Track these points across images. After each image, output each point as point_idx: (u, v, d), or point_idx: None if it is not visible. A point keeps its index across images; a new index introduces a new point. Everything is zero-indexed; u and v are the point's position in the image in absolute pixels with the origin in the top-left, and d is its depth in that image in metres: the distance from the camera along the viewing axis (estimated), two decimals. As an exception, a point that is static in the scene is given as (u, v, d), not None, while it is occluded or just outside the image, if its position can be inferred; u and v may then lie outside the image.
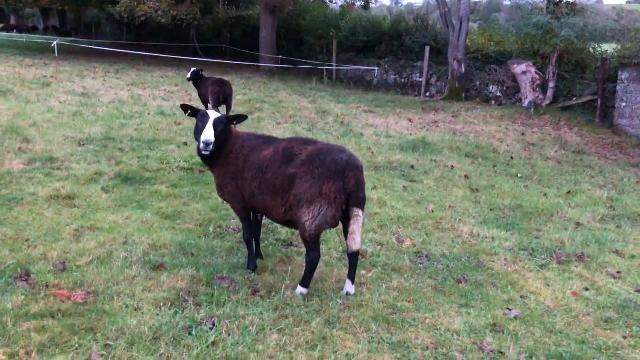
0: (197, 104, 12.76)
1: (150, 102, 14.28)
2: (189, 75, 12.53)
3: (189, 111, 5.10)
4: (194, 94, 14.60)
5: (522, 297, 5.02)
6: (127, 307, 4.22)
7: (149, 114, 12.39)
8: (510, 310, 4.68)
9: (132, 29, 37.43)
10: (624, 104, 15.17)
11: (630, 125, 14.99)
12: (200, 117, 4.90)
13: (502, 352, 3.99)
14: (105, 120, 11.09)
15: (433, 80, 20.83)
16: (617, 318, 4.72)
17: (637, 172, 11.64)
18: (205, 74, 13.17)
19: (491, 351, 4.00)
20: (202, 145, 4.76)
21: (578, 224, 7.37)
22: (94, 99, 13.75)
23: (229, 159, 4.96)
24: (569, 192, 9.12)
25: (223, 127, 4.86)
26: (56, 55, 21.27)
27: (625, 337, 4.41)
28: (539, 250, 6.21)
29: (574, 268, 5.78)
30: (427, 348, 3.97)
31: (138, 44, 32.37)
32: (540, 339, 4.24)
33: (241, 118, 5.14)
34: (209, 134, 4.74)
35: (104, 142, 9.35)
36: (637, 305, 4.97)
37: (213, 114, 4.90)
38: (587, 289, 5.29)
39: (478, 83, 19.42)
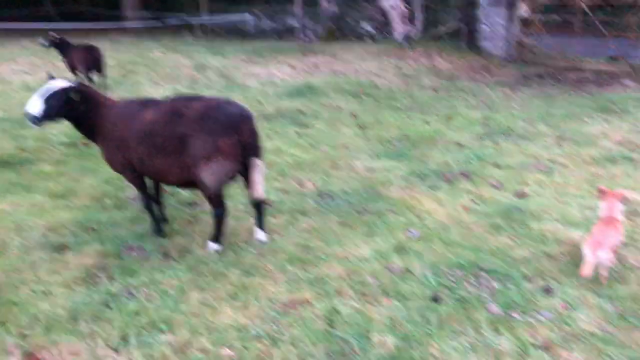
0: (65, 73, 11.95)
1: (11, 77, 13.14)
2: (46, 43, 11.66)
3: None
4: (61, 63, 13.62)
5: (419, 218, 5.42)
6: (35, 293, 4.07)
7: (13, 91, 11.44)
8: (410, 231, 5.06)
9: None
10: (486, 28, 16.16)
11: (494, 46, 16.04)
12: None
13: (409, 270, 4.35)
14: (-36, 104, 10.11)
15: (308, 23, 20.86)
16: (503, 223, 5.26)
17: (505, 91, 12.60)
18: (70, 40, 12.27)
19: (399, 270, 4.34)
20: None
21: (459, 145, 7.96)
22: (-56, 81, 12.42)
23: (107, 130, 4.74)
24: (447, 117, 9.74)
25: (59, 98, 4.55)
26: None
27: (511, 239, 4.95)
28: (428, 174, 6.67)
29: (461, 185, 6.30)
30: (342, 278, 4.23)
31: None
32: (440, 253, 4.66)
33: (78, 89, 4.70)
34: (30, 106, 4.51)
35: (-32, 127, 8.57)
36: (518, 209, 5.55)
37: (51, 84, 4.62)
38: (474, 202, 5.81)
39: (351, 21, 19.73)
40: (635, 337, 3.57)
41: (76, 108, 4.65)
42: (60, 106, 4.56)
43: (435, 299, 3.94)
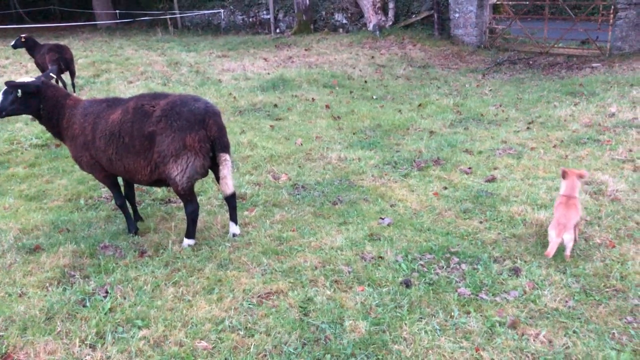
0: (37, 74, 11.79)
1: (-20, 80, 12.92)
2: (12, 43, 11.56)
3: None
4: (30, 64, 13.45)
5: (391, 205, 5.51)
6: (10, 295, 4.07)
7: (-18, 94, 11.25)
8: (383, 219, 5.14)
9: None
10: (457, 15, 16.29)
11: (465, 34, 16.19)
12: None
13: (381, 257, 4.43)
14: None
15: (281, 16, 20.82)
16: (473, 207, 5.38)
17: (476, 77, 12.77)
18: (39, 40, 12.12)
19: (372, 258, 4.42)
20: None
21: (431, 132, 8.07)
22: None
23: (74, 130, 4.76)
24: (420, 105, 9.85)
25: (9, 93, 4.67)
26: None
27: (481, 222, 5.07)
28: (400, 162, 6.77)
29: (432, 172, 6.41)
30: (316, 267, 4.30)
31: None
32: (412, 239, 4.75)
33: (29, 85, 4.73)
34: None
35: (-64, 132, 8.45)
36: (488, 194, 5.67)
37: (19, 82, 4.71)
38: (445, 188, 5.92)
39: (324, 13, 19.74)
40: (599, 312, 3.70)
41: (29, 105, 4.70)
42: (12, 101, 4.64)
43: (407, 284, 4.03)
